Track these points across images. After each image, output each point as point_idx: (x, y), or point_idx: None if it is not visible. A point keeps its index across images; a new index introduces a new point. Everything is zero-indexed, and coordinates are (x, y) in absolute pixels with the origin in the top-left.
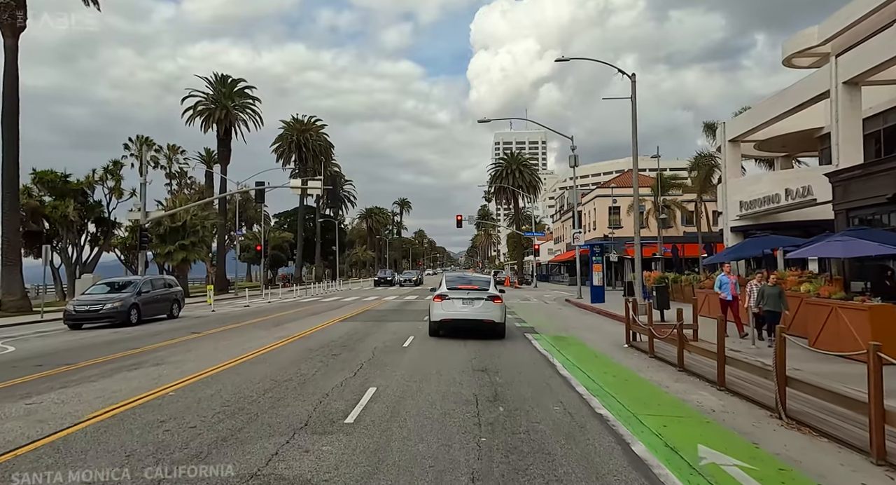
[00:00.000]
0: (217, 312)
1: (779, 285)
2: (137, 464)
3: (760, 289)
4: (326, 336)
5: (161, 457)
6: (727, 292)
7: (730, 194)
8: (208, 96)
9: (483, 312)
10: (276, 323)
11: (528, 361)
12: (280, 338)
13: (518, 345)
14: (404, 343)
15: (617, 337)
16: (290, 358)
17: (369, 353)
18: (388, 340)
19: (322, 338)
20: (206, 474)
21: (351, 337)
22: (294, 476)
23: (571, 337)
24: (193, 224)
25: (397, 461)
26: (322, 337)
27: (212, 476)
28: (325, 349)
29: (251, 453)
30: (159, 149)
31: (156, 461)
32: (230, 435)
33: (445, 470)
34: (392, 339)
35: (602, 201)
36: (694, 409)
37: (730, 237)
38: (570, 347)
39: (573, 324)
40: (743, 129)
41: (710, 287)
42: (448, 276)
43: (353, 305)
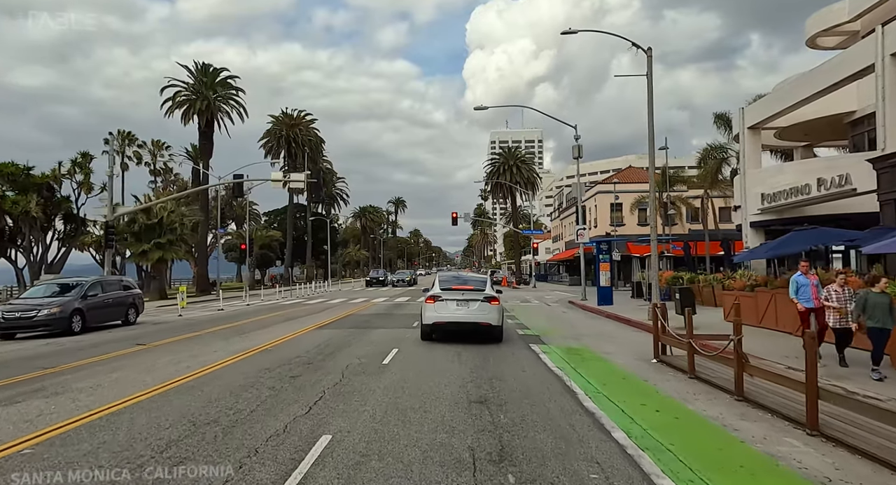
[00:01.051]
0: (185, 318)
1: (887, 293)
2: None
3: (862, 297)
4: (293, 349)
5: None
6: (807, 299)
7: (749, 186)
8: (189, 86)
9: (479, 315)
10: (239, 331)
11: (540, 386)
12: (236, 352)
13: (524, 360)
14: (385, 358)
15: (639, 348)
16: (233, 383)
17: (338, 374)
18: (366, 353)
19: (286, 352)
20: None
21: (322, 350)
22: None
23: (585, 349)
24: (171, 221)
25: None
26: (287, 351)
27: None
28: (283, 369)
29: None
30: (143, 145)
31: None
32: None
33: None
34: (371, 352)
35: (603, 198)
36: (799, 474)
37: (749, 233)
38: (587, 364)
39: (583, 331)
40: (764, 114)
41: (740, 288)
42: (441, 276)
43: (337, 309)
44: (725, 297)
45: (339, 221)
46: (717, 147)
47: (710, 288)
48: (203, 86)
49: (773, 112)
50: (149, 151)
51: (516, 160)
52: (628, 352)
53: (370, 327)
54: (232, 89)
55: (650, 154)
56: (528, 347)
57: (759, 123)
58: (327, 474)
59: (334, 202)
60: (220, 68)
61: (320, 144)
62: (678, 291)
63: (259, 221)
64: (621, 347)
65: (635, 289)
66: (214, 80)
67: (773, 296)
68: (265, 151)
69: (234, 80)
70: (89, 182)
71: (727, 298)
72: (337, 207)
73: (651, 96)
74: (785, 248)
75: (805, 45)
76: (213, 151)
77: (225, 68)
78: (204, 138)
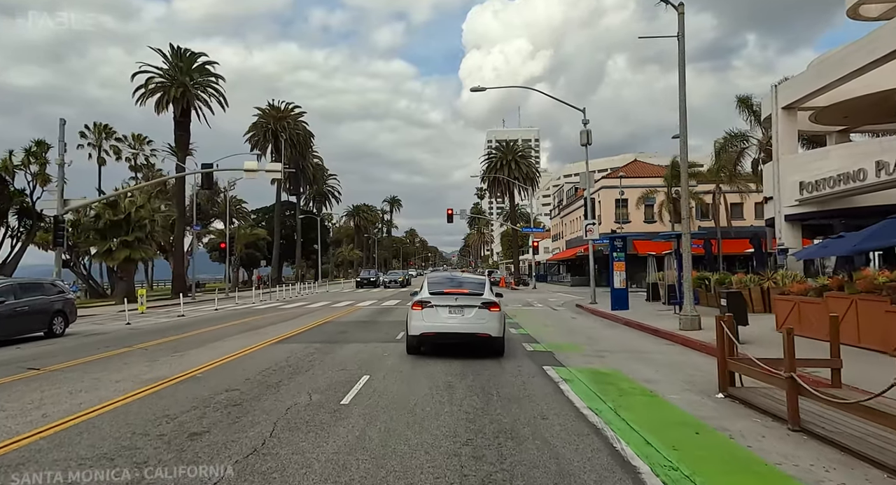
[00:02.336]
0: (132, 327)
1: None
2: None
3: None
4: (228, 377)
5: None
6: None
7: (784, 175)
8: (163, 72)
9: (475, 324)
10: (177, 348)
11: (577, 454)
12: (151, 381)
13: (540, 396)
14: (347, 394)
15: (688, 372)
16: (98, 447)
17: (268, 426)
18: (324, 384)
19: (217, 381)
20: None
21: (267, 378)
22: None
23: (617, 373)
24: (140, 217)
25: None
26: (219, 379)
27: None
28: (193, 414)
29: None
30: (122, 138)
31: None
32: None
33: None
34: (332, 382)
35: (608, 193)
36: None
37: (783, 228)
38: (630, 402)
39: (604, 344)
40: (801, 92)
41: (800, 292)
42: (431, 277)
43: (315, 315)
44: (780, 303)
45: (333, 221)
46: (737, 135)
47: (746, 290)
48: (179, 71)
49: (812, 89)
50: (129, 146)
51: (514, 155)
52: (676, 379)
53: (343, 341)
54: (211, 76)
55: (681, 129)
56: (541, 372)
57: (794, 102)
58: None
59: (326, 200)
60: (197, 53)
61: (309, 139)
62: (725, 297)
63: (248, 220)
64: (663, 371)
65: (651, 291)
66: (191, 66)
67: (852, 302)
68: (251, 144)
69: (212, 66)
70: (45, 173)
71: (782, 304)
72: (328, 204)
73: (683, 61)
74: (881, 239)
75: (846, 15)
76: (202, 148)
77: (203, 53)
78: (180, 129)
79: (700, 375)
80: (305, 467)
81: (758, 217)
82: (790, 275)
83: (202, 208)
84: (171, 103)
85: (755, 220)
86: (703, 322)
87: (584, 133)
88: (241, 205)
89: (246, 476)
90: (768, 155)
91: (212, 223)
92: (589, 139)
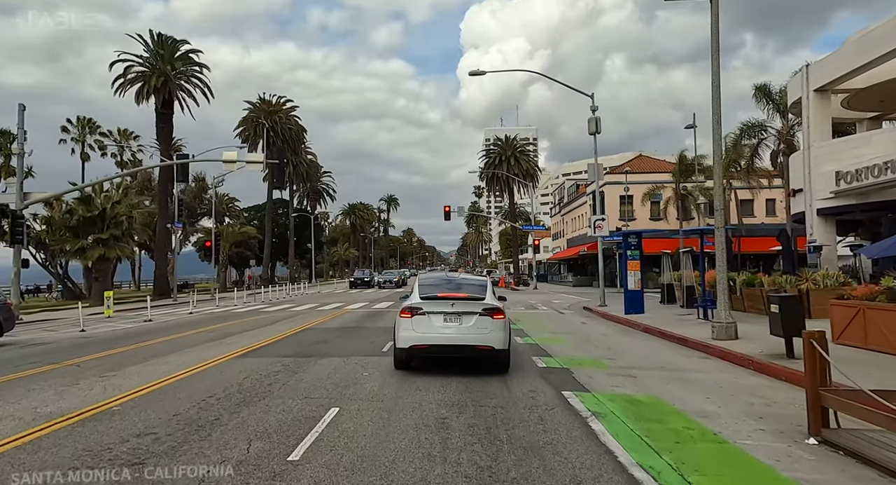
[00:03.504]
0: (86, 334)
1: None
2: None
3: None
4: (152, 410)
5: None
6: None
7: (816, 164)
8: (143, 60)
9: (476, 335)
10: (113, 365)
11: None
12: (35, 421)
13: (567, 444)
14: (299, 445)
15: (746, 400)
16: None
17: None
18: (274, 424)
19: (130, 420)
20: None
21: (200, 414)
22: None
23: (659, 402)
24: (117, 213)
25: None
26: (136, 415)
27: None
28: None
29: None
30: (108, 134)
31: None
32: None
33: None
34: (287, 419)
35: (611, 190)
36: None
37: (815, 223)
38: (690, 452)
39: (631, 359)
40: (837, 72)
41: (866, 296)
42: (423, 278)
43: (295, 320)
44: (838, 309)
45: (329, 220)
46: (754, 125)
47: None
48: (160, 60)
49: (850, 68)
50: (114, 141)
51: (514, 150)
52: (738, 411)
53: (318, 355)
54: (195, 65)
55: (714, 104)
56: (561, 400)
57: (828, 83)
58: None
59: (320, 198)
60: (180, 40)
61: (301, 134)
62: (778, 303)
63: (241, 218)
64: (716, 398)
65: (666, 293)
66: (174, 54)
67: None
68: (241, 139)
69: (196, 54)
70: (10, 165)
71: (840, 310)
72: (324, 203)
73: (716, 20)
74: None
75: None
76: (197, 146)
77: (185, 40)
78: (162, 121)
79: (763, 404)
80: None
81: (769, 214)
82: (832, 276)
83: (189, 206)
84: (153, 94)
85: (766, 217)
86: (740, 329)
87: (593, 121)
88: (234, 203)
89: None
90: (789, 146)
91: (199, 221)
92: (598, 127)
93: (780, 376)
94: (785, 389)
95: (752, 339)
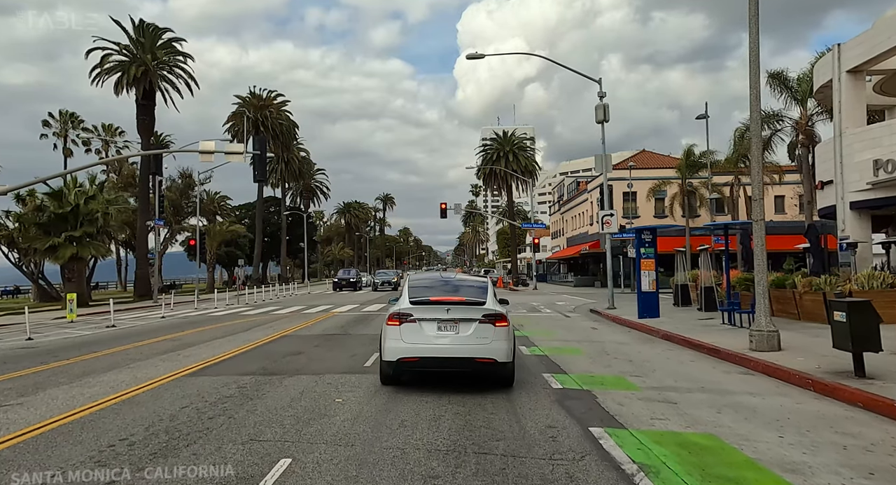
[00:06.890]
0: (34, 343)
1: None
2: None
3: None
4: (29, 466)
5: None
6: None
7: (849, 153)
8: (122, 48)
9: (475, 345)
10: (28, 387)
11: None
12: None
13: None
14: None
15: (828, 437)
16: None
17: None
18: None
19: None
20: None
21: (88, 477)
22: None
23: (723, 445)
24: (91, 210)
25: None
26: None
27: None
28: None
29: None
30: (92, 129)
31: None
32: None
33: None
34: (211, 484)
35: (615, 186)
36: None
37: (848, 217)
38: None
39: (662, 376)
40: (874, 50)
41: None
42: (415, 280)
43: (273, 325)
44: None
45: (324, 218)
46: (769, 116)
47: (820, 296)
48: (140, 48)
49: (891, 45)
50: (98, 136)
51: (513, 146)
52: (832, 459)
53: (286, 372)
54: (178, 54)
55: (751, 77)
56: (592, 443)
57: (864, 63)
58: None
59: (314, 196)
60: (163, 28)
61: (293, 129)
62: (845, 310)
63: (231, 217)
64: (793, 438)
65: (679, 294)
66: (155, 43)
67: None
68: (231, 135)
69: (179, 43)
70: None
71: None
72: (317, 201)
73: None
74: None
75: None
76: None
77: (168, 29)
78: (143, 112)
79: (860, 448)
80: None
81: (778, 211)
82: (878, 276)
83: (175, 203)
84: (134, 84)
85: (775, 215)
86: (818, 347)
87: (601, 107)
88: (225, 201)
89: None
90: (808, 137)
91: (187, 219)
92: (606, 115)
93: (856, 401)
94: (869, 421)
95: (796, 350)
